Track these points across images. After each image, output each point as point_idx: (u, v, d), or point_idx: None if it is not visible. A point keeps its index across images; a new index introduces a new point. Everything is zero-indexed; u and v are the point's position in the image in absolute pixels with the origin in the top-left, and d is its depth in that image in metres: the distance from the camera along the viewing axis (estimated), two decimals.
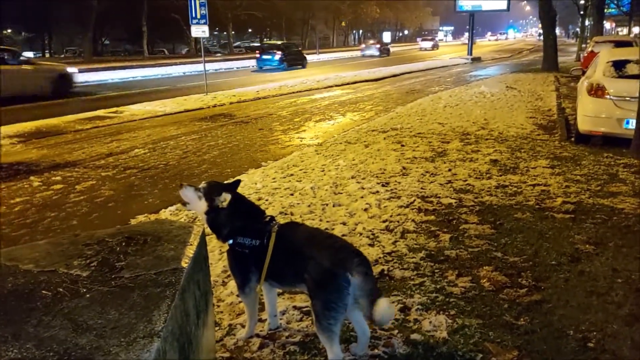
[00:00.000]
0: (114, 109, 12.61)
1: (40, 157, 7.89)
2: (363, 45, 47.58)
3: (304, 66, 30.74)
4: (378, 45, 45.32)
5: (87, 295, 1.74)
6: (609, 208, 4.93)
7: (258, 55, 30.09)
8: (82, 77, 18.19)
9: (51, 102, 14.32)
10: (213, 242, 3.83)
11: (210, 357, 2.39)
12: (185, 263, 1.97)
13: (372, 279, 2.39)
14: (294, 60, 30.24)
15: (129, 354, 1.42)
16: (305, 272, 2.42)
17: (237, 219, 2.66)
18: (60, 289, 1.77)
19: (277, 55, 29.27)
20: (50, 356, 1.41)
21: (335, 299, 2.31)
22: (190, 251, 2.09)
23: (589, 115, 7.61)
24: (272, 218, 2.69)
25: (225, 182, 2.84)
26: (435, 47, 58.07)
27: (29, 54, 49.59)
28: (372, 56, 42.56)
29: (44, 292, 1.77)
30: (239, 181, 2.79)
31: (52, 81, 14.96)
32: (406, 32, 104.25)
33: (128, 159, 7.74)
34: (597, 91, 7.53)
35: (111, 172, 6.95)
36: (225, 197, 2.64)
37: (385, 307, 2.29)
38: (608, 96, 7.39)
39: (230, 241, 2.65)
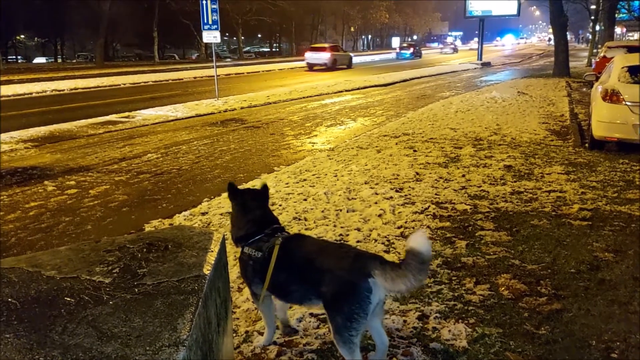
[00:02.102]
0: (126, 114, 12.70)
1: (54, 161, 7.95)
2: (441, 45, 68.99)
3: (420, 57, 51.97)
4: (452, 46, 62.68)
5: (111, 303, 1.73)
6: (627, 215, 4.86)
7: (398, 50, 53.47)
8: None
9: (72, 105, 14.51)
10: (228, 247, 3.82)
11: None
12: (207, 270, 1.96)
13: (391, 263, 2.31)
14: (416, 54, 51.88)
15: None
16: (321, 285, 2.35)
17: (243, 225, 2.65)
18: (84, 296, 1.77)
19: (410, 50, 52.03)
20: None
21: (358, 309, 2.25)
22: (211, 258, 2.08)
23: (604, 121, 7.54)
24: (279, 229, 2.63)
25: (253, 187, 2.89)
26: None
27: (42, 59, 50.21)
28: (446, 53, 60.37)
29: (67, 298, 1.76)
30: (264, 189, 2.77)
31: (349, 60, 35.60)
32: (415, 37, 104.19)
33: (141, 163, 7.77)
34: (612, 97, 7.46)
35: (124, 176, 6.98)
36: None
37: (417, 237, 2.22)
38: (623, 102, 7.32)
39: (241, 248, 2.64)
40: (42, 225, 5.14)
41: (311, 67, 33.07)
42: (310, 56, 33.57)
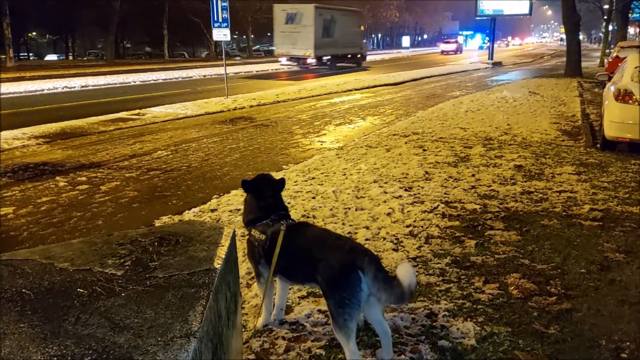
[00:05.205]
0: (136, 111, 12.77)
1: (65, 157, 8.02)
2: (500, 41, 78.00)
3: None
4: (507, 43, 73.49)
5: (123, 294, 1.75)
6: (638, 216, 4.82)
7: (481, 44, 69.34)
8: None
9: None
10: (238, 242, 3.83)
11: (238, 358, 2.39)
12: (217, 264, 1.97)
13: (384, 272, 2.45)
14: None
15: (166, 354, 1.42)
16: (317, 273, 2.48)
17: (252, 210, 2.82)
18: (96, 288, 1.79)
19: (487, 45, 62.45)
20: (90, 354, 1.42)
21: (349, 296, 2.36)
22: (221, 252, 2.09)
23: (616, 121, 7.48)
24: (283, 216, 2.78)
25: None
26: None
27: (53, 57, 50.65)
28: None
29: (80, 290, 1.78)
30: (281, 180, 2.95)
31: (462, 48, 60.27)
32: (425, 36, 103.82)
33: (151, 160, 7.82)
34: (624, 97, 7.39)
35: (135, 173, 7.03)
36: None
37: (404, 269, 2.37)
38: (636, 102, 7.25)
39: (249, 230, 2.83)
40: (53, 220, 5.19)
41: (442, 52, 56.08)
42: (444, 46, 58.62)
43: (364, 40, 35.23)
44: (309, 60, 28.55)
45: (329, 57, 29.96)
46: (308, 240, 2.66)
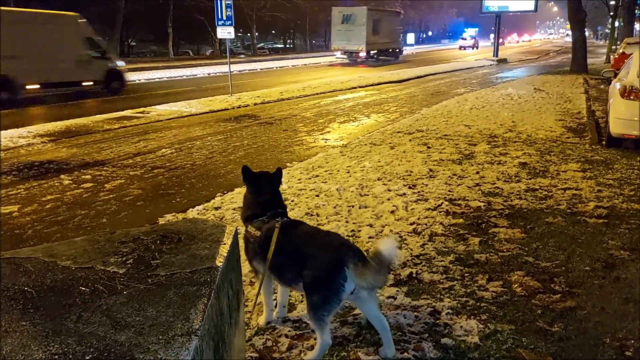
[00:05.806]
0: (141, 109, 12.80)
1: (70, 155, 8.05)
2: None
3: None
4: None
5: (125, 292, 1.75)
6: None
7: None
8: None
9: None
10: (240, 240, 3.84)
11: (241, 356, 2.39)
12: (219, 262, 1.97)
13: (365, 259, 2.46)
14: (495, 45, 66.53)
15: (167, 352, 1.42)
16: (304, 268, 2.51)
17: (250, 206, 2.84)
18: (98, 286, 1.79)
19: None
20: (91, 352, 1.42)
21: (333, 294, 2.44)
22: (224, 250, 2.09)
23: (622, 118, 7.43)
24: (279, 213, 2.78)
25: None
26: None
27: None
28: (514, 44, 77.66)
29: (82, 288, 1.78)
30: (277, 173, 2.93)
31: (478, 44, 61.47)
32: (430, 33, 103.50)
33: (155, 158, 7.84)
34: (630, 93, 7.34)
35: (139, 171, 7.05)
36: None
37: (384, 244, 2.39)
38: None
39: (245, 227, 2.84)
40: (58, 218, 5.21)
41: (460, 48, 58.57)
42: (462, 41, 61.24)
43: (401, 38, 41.85)
44: (361, 54, 33.90)
45: (376, 51, 35.35)
46: (298, 239, 2.66)
